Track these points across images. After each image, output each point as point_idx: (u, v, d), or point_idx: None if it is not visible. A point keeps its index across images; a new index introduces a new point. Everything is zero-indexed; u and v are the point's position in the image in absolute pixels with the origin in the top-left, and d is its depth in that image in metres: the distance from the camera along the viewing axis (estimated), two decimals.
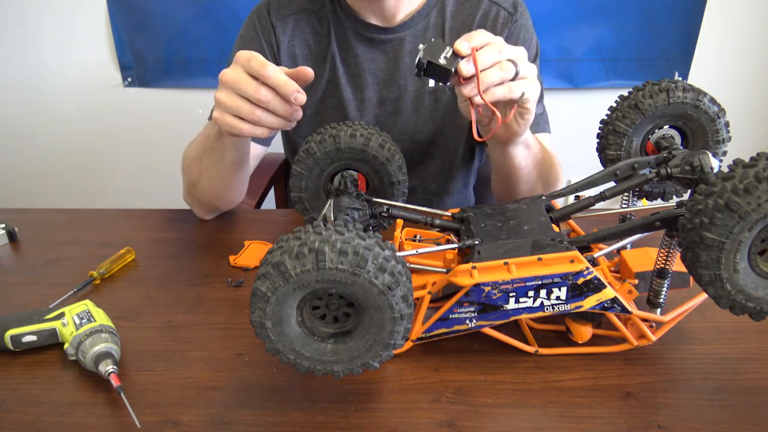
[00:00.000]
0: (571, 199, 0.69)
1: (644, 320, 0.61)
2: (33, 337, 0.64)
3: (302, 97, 0.65)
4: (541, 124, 0.96)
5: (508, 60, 0.64)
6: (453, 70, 0.60)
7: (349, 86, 0.99)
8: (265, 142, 1.00)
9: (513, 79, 0.65)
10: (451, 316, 0.59)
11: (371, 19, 0.95)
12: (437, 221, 0.69)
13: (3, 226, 0.90)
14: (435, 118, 1.00)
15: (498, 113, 0.63)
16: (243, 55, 0.66)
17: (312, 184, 0.75)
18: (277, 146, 1.22)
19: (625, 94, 0.70)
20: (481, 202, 1.26)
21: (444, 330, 0.61)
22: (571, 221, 0.70)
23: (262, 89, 0.65)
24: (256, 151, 0.99)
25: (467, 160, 1.08)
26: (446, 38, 0.96)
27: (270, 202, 1.34)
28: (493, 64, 0.62)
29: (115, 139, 1.96)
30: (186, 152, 0.92)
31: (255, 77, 0.66)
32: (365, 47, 0.97)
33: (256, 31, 0.97)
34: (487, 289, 0.57)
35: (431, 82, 0.98)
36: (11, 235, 0.90)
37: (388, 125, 1.01)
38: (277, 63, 0.97)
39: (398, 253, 0.52)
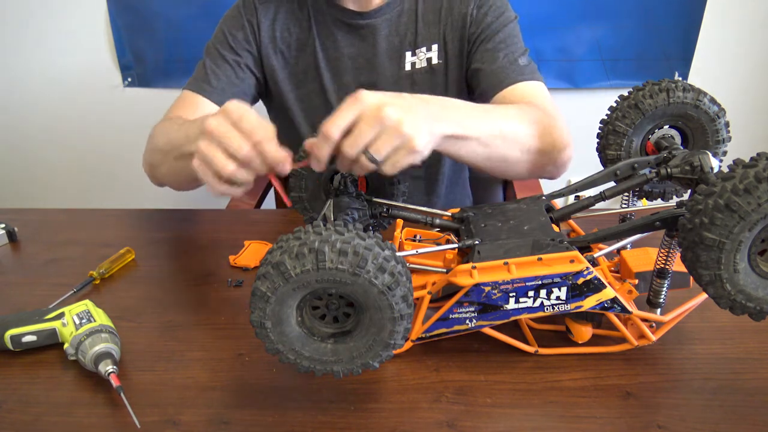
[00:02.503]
0: (571, 199, 0.69)
1: (644, 320, 0.61)
2: (33, 337, 0.64)
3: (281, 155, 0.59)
4: (527, 73, 0.93)
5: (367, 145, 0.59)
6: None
7: (329, 71, 1.00)
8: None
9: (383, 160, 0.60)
10: (451, 316, 0.59)
11: (348, 3, 0.96)
12: (437, 221, 0.69)
13: (3, 226, 0.90)
14: None
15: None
16: (230, 105, 0.61)
17: (312, 183, 0.75)
18: None
19: (625, 94, 0.70)
20: (480, 203, 1.26)
21: (444, 330, 0.61)
22: (571, 221, 0.70)
23: (245, 147, 0.58)
24: None
25: None
26: (419, 22, 0.98)
27: (270, 202, 1.34)
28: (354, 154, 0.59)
29: (115, 139, 1.96)
30: (156, 133, 0.88)
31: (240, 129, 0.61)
32: (344, 33, 0.98)
33: (240, 11, 1.00)
34: (487, 289, 0.57)
35: (407, 66, 1.00)
36: (11, 235, 0.90)
37: None
38: (258, 44, 0.99)
39: (398, 253, 0.52)
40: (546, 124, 0.80)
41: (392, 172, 0.60)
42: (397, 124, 0.58)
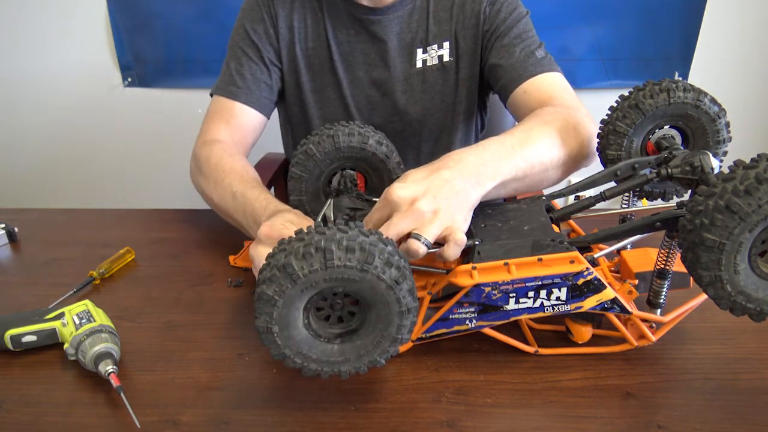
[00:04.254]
0: (571, 199, 0.69)
1: (644, 320, 0.61)
2: (33, 337, 0.64)
3: None
4: (545, 65, 0.93)
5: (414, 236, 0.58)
6: None
7: (342, 65, 1.01)
8: (266, 112, 1.01)
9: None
10: (451, 316, 0.59)
11: (362, 0, 0.96)
12: None
13: (3, 226, 0.90)
14: (424, 98, 1.02)
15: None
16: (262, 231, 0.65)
17: (312, 186, 0.75)
18: (278, 146, 1.22)
19: (626, 94, 0.70)
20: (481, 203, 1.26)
21: (444, 330, 0.61)
22: (571, 221, 0.70)
23: None
24: (255, 122, 0.99)
25: (465, 143, 1.09)
26: (430, 19, 0.98)
27: None
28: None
29: (115, 139, 1.96)
30: (205, 176, 0.87)
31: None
32: (356, 28, 0.99)
33: (257, 3, 1.00)
34: (487, 289, 0.57)
35: (419, 63, 1.00)
36: (11, 235, 0.90)
37: (378, 106, 1.03)
38: (276, 36, 0.99)
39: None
40: (571, 125, 0.77)
41: (456, 251, 0.58)
42: (434, 215, 0.58)
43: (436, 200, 0.59)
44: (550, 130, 0.75)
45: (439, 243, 0.60)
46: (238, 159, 0.90)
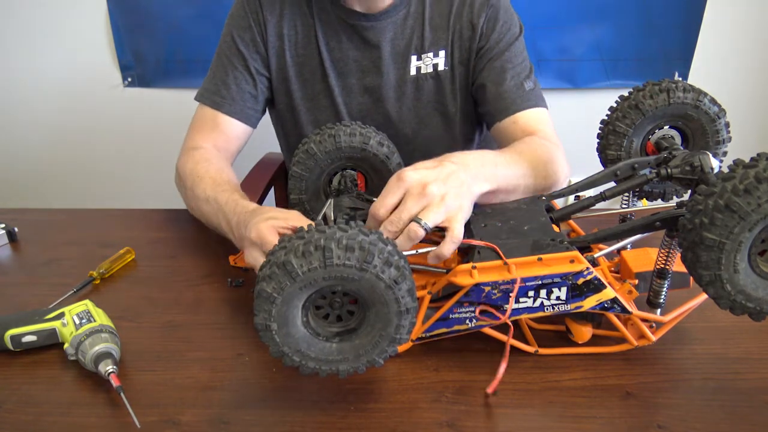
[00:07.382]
0: (571, 199, 0.69)
1: (644, 320, 0.61)
2: (33, 337, 0.64)
3: None
4: (532, 99, 0.95)
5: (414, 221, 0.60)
6: None
7: (333, 72, 1.00)
8: (251, 122, 1.00)
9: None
10: (451, 316, 0.59)
11: (354, 5, 0.95)
12: None
13: (3, 226, 0.90)
14: (418, 106, 1.01)
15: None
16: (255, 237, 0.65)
17: (312, 185, 0.75)
18: (278, 146, 1.22)
19: (626, 94, 0.70)
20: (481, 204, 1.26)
21: (444, 330, 0.61)
22: (571, 221, 0.70)
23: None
24: (238, 132, 0.99)
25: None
26: (425, 26, 0.98)
27: (270, 202, 1.33)
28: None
29: (115, 139, 1.96)
30: (188, 184, 0.88)
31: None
32: (348, 34, 0.98)
33: (245, 10, 0.98)
34: (487, 289, 0.57)
35: (413, 70, 0.99)
36: (11, 235, 0.90)
37: (371, 114, 1.02)
38: (265, 43, 0.98)
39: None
40: (551, 161, 0.82)
41: (451, 249, 0.61)
42: (441, 199, 0.61)
43: (445, 186, 0.62)
44: (537, 161, 0.79)
45: (435, 242, 0.60)
46: (214, 163, 0.90)
